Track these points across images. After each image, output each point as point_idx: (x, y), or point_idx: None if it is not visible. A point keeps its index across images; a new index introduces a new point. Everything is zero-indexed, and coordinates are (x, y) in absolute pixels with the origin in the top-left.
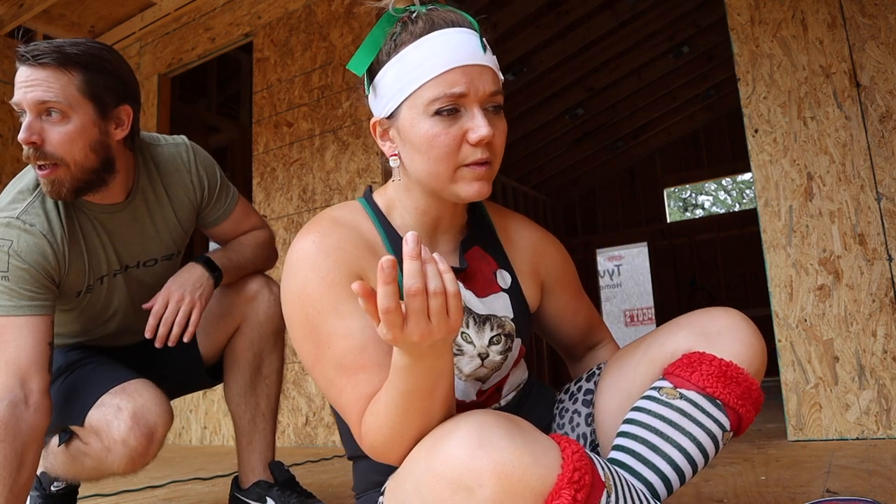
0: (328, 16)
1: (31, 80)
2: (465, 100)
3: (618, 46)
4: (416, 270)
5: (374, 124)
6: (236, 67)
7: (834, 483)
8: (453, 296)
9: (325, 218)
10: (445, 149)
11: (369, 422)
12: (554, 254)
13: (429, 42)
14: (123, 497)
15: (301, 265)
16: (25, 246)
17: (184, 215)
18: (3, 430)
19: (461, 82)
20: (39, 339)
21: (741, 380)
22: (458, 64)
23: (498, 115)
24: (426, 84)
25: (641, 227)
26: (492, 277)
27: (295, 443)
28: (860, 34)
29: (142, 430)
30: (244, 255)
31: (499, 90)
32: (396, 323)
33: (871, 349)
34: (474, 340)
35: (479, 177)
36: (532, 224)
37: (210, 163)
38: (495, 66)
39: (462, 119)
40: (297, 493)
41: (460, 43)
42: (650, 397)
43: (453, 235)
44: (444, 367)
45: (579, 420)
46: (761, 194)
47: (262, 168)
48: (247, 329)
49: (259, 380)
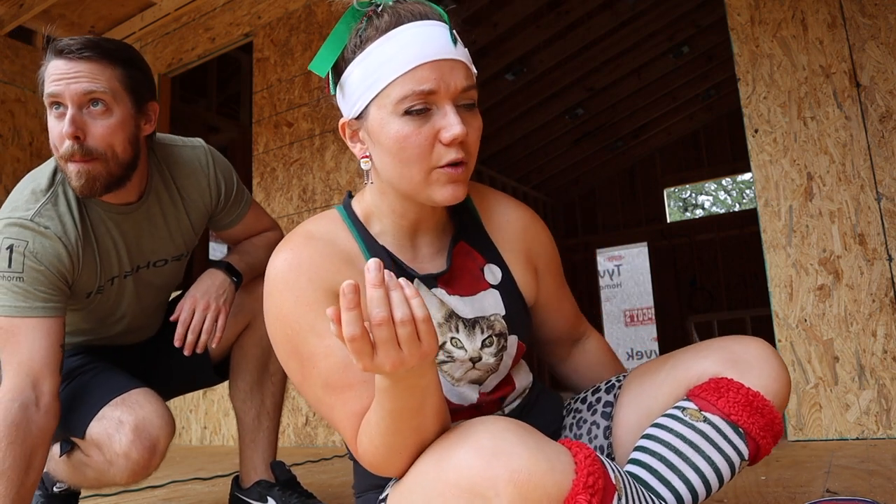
0: (328, 16)
1: (72, 72)
2: (436, 97)
3: (618, 46)
4: (380, 299)
5: (343, 125)
6: (236, 67)
7: (834, 483)
8: (423, 321)
9: (299, 233)
10: (417, 150)
11: (364, 441)
12: (542, 236)
13: (395, 37)
14: (123, 497)
15: (275, 285)
16: (41, 248)
17: (196, 217)
18: (14, 432)
19: (430, 79)
20: (52, 341)
21: (766, 412)
22: (427, 59)
23: (472, 111)
24: (394, 82)
25: (641, 227)
26: (479, 274)
27: (295, 443)
28: (860, 34)
29: (143, 443)
30: (258, 257)
31: (471, 85)
32: (365, 351)
33: (871, 349)
34: (465, 345)
35: (453, 179)
36: (517, 204)
37: (228, 168)
38: (467, 60)
39: (434, 118)
40: (298, 493)
41: (429, 37)
42: (673, 416)
43: (436, 235)
44: (428, 384)
45: (597, 432)
46: (761, 194)
47: (262, 168)
48: (257, 326)
49: (266, 377)
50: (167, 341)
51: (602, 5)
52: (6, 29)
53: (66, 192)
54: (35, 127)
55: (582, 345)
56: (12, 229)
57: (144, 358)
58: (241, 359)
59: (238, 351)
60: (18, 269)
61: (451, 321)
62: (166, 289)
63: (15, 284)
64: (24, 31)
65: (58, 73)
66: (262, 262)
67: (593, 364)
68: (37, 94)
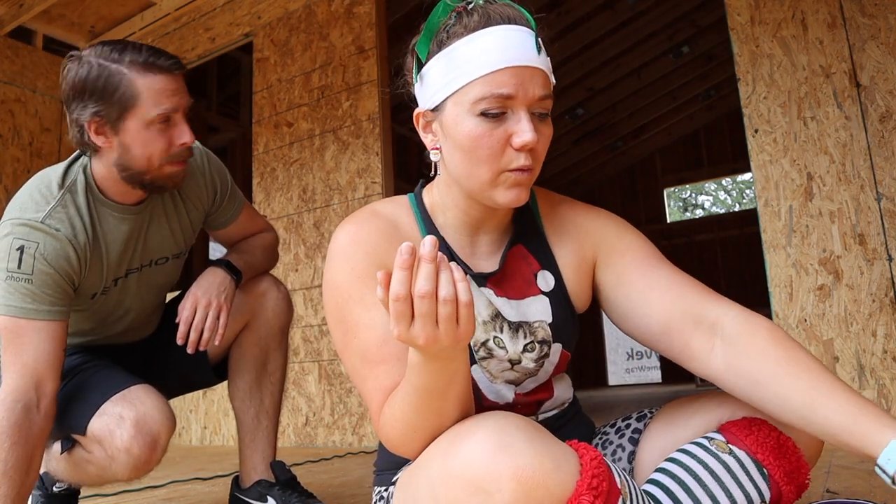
0: (328, 16)
1: (178, 87)
2: (513, 102)
3: (618, 46)
4: (429, 273)
5: (418, 115)
6: (236, 67)
7: (834, 483)
8: (465, 305)
9: (366, 210)
10: (488, 151)
11: (387, 414)
12: (601, 226)
13: (481, 38)
14: (123, 497)
15: (335, 255)
16: (52, 250)
17: (194, 216)
18: (16, 433)
19: (510, 84)
20: (56, 345)
21: (794, 458)
22: (509, 64)
23: (544, 121)
24: (474, 82)
25: (641, 227)
26: (531, 279)
27: (295, 443)
28: (860, 34)
29: (145, 438)
30: (255, 256)
31: (548, 95)
32: (405, 314)
33: (871, 349)
34: (507, 346)
35: (518, 183)
36: (582, 207)
37: (222, 169)
38: (548, 69)
39: (508, 122)
40: (298, 492)
41: (513, 42)
42: (699, 444)
43: (496, 235)
44: (457, 370)
45: (622, 455)
46: (761, 194)
47: (262, 168)
48: (255, 325)
49: (265, 376)
50: (164, 342)
51: (602, 5)
52: (6, 29)
53: (77, 195)
54: (35, 127)
55: (726, 332)
56: (23, 230)
57: (142, 358)
58: (240, 358)
59: (236, 351)
60: (28, 271)
61: (496, 320)
62: (166, 287)
63: (23, 286)
64: (24, 31)
65: (169, 90)
66: (260, 261)
67: (753, 354)
68: (36, 94)
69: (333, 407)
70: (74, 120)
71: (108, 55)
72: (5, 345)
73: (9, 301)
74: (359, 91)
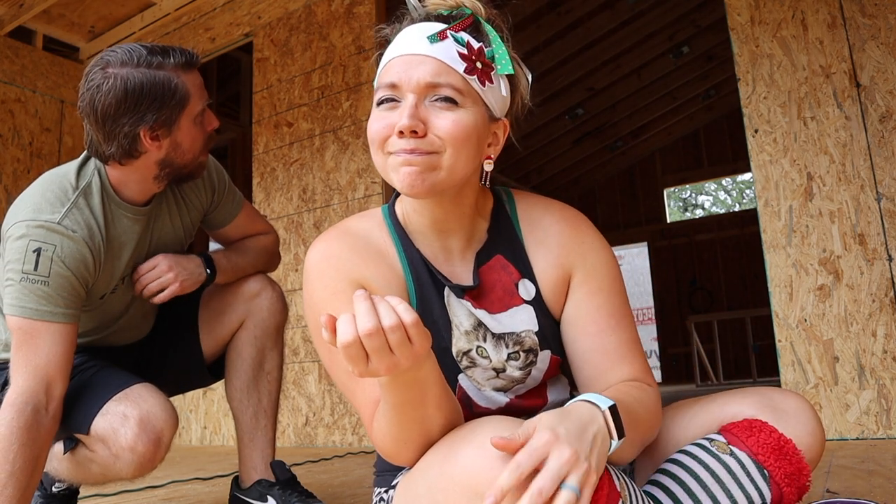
0: (328, 16)
1: (202, 80)
2: (398, 91)
3: (618, 46)
4: (368, 310)
5: None
6: (236, 67)
7: (834, 483)
8: (412, 325)
9: (338, 228)
10: (377, 136)
11: (376, 428)
12: (582, 253)
13: (396, 40)
14: (123, 497)
15: (308, 274)
16: (69, 252)
17: (194, 216)
18: (25, 434)
19: (394, 73)
20: (68, 347)
21: (795, 460)
22: (398, 54)
23: (448, 107)
24: (379, 79)
25: (641, 227)
26: (513, 289)
27: (295, 443)
28: (860, 34)
29: (149, 436)
30: (245, 257)
31: (442, 83)
32: (360, 356)
33: (871, 349)
34: (491, 356)
35: (405, 163)
36: (560, 216)
37: (219, 168)
38: (447, 57)
39: (399, 110)
40: (299, 492)
41: (411, 37)
42: (700, 445)
43: (467, 242)
44: (426, 377)
45: None
46: (761, 194)
47: (262, 168)
48: (250, 325)
49: (261, 376)
50: (159, 342)
51: (602, 5)
52: (6, 29)
53: (91, 196)
54: (35, 127)
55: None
56: (39, 231)
57: (138, 358)
58: (236, 358)
59: (232, 351)
60: (45, 273)
61: (479, 330)
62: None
63: (40, 288)
64: (24, 30)
65: (202, 83)
66: (252, 263)
67: None
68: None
69: (333, 407)
70: (126, 132)
71: (150, 62)
72: (18, 345)
73: (24, 303)
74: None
